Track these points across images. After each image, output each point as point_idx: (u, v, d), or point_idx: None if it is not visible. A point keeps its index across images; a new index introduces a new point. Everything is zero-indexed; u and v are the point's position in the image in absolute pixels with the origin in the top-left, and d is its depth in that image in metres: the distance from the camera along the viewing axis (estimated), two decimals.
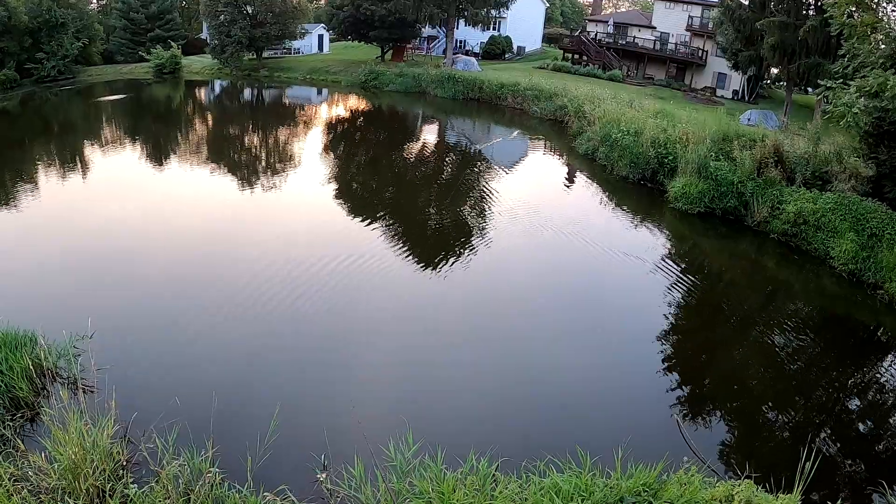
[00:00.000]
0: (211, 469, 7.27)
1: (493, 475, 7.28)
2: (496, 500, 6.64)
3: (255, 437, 7.90)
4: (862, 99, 15.49)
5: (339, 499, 7.50)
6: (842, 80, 16.58)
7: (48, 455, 7.36)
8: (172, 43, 57.15)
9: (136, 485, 7.18)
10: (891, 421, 11.14)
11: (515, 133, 35.63)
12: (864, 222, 16.68)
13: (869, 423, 10.96)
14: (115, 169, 24.92)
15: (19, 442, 7.92)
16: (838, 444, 10.12)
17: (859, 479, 9.21)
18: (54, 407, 7.96)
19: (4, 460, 7.46)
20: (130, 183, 22.57)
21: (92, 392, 9.26)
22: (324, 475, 7.84)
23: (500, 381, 11.14)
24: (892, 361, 13.29)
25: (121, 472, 7.52)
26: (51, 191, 21.24)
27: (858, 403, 11.66)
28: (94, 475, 7.07)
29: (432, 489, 6.78)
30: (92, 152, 27.89)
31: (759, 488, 7.11)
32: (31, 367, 9.25)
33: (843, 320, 15.23)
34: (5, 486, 6.88)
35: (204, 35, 66.01)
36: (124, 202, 19.95)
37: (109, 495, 6.98)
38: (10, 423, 8.53)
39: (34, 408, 9.07)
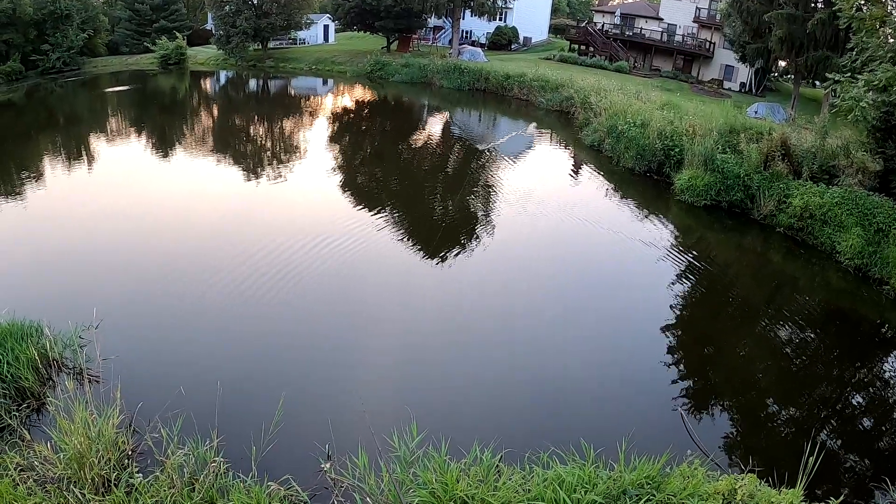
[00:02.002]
0: (215, 459, 7.32)
1: (497, 466, 7.30)
2: (499, 491, 6.65)
3: (259, 428, 7.94)
4: (870, 93, 15.38)
5: (342, 488, 7.54)
6: (850, 73, 16.44)
7: (54, 445, 7.42)
8: (177, 34, 57.04)
9: (141, 474, 7.25)
10: (894, 417, 11.09)
11: (531, 126, 35.23)
12: (871, 217, 16.56)
13: (873, 419, 10.92)
14: (121, 160, 24.97)
15: (25, 432, 7.99)
16: (842, 440, 10.10)
17: (863, 475, 9.20)
18: (60, 397, 7.99)
19: (11, 450, 7.53)
20: (136, 174, 22.61)
21: (97, 382, 9.32)
22: (328, 465, 7.90)
23: (504, 372, 11.15)
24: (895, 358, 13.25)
25: (126, 461, 7.58)
26: (56, 182, 21.30)
27: (862, 399, 11.61)
28: (99, 464, 7.13)
29: (436, 479, 6.80)
30: (97, 143, 27.95)
31: (763, 482, 7.11)
32: (37, 358, 9.30)
33: (849, 315, 15.15)
34: (12, 475, 6.93)
35: (209, 26, 65.92)
36: (130, 193, 20.00)
37: (115, 484, 7.04)
38: (17, 414, 8.59)
39: (40, 398, 9.13)
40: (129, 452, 7.87)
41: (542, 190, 22.05)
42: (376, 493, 6.98)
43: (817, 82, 36.98)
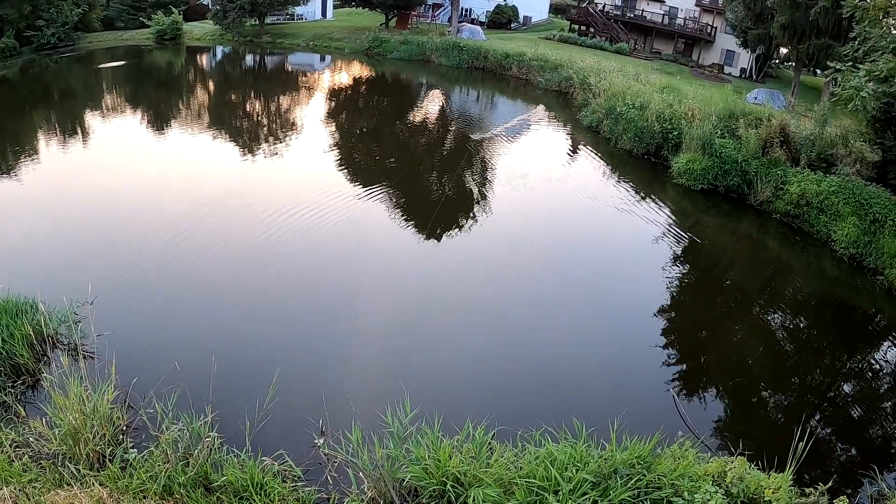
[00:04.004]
0: (210, 434, 7.36)
1: (489, 443, 7.37)
2: (492, 468, 6.72)
3: (253, 403, 7.98)
4: (871, 83, 15.28)
5: (336, 463, 7.60)
6: (851, 63, 16.34)
7: (49, 421, 7.43)
8: (173, 9, 56.11)
9: (135, 449, 7.29)
10: (884, 407, 11.19)
11: (539, 108, 34.87)
12: (867, 207, 16.55)
13: (862, 408, 11.00)
14: (116, 136, 24.71)
15: (20, 408, 8.00)
16: (831, 428, 10.21)
17: (851, 463, 9.28)
18: (55, 373, 8.00)
19: (6, 426, 7.53)
20: (130, 149, 22.36)
21: (92, 358, 9.32)
22: (321, 440, 7.97)
23: (498, 350, 11.22)
24: (887, 348, 13.29)
25: (121, 436, 7.62)
26: (51, 157, 21.08)
27: (852, 388, 11.70)
28: (94, 440, 7.15)
29: (429, 455, 6.87)
30: (92, 119, 27.63)
31: (752, 466, 7.18)
32: (32, 334, 9.27)
33: (842, 304, 15.22)
34: (6, 452, 6.95)
35: (206, 0, 64.91)
36: (124, 169, 19.84)
37: (109, 460, 7.07)
38: (12, 390, 8.59)
39: (35, 374, 9.12)
40: (124, 428, 7.91)
41: (538, 170, 21.96)
42: (369, 468, 7.03)
43: (818, 70, 36.81)
